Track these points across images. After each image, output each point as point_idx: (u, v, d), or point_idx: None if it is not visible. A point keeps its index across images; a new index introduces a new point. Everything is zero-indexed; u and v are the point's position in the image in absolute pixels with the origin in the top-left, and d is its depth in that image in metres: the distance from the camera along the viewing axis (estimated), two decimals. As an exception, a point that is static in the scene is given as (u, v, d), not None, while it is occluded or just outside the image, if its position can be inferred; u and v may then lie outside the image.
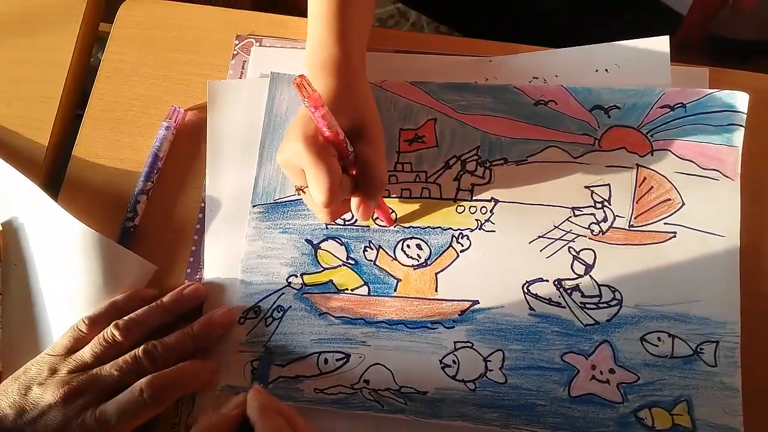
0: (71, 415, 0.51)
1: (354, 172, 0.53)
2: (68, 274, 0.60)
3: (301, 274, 0.59)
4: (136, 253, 0.61)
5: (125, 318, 0.57)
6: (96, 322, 0.57)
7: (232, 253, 0.61)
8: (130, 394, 0.52)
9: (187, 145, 0.65)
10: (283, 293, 0.59)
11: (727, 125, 0.58)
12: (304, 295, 0.59)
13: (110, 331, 0.55)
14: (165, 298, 0.59)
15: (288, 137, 0.53)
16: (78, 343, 0.56)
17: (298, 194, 0.56)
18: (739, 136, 0.58)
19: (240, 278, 0.60)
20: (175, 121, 0.65)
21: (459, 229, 0.59)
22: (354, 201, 0.53)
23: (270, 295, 0.59)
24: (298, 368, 0.57)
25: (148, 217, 0.63)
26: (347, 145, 0.51)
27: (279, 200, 0.61)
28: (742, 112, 0.58)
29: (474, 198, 0.60)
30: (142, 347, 0.55)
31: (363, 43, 0.60)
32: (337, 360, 0.57)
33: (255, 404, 0.48)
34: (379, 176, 0.53)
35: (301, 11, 0.62)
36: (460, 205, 0.60)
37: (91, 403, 0.52)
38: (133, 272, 0.60)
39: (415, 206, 0.60)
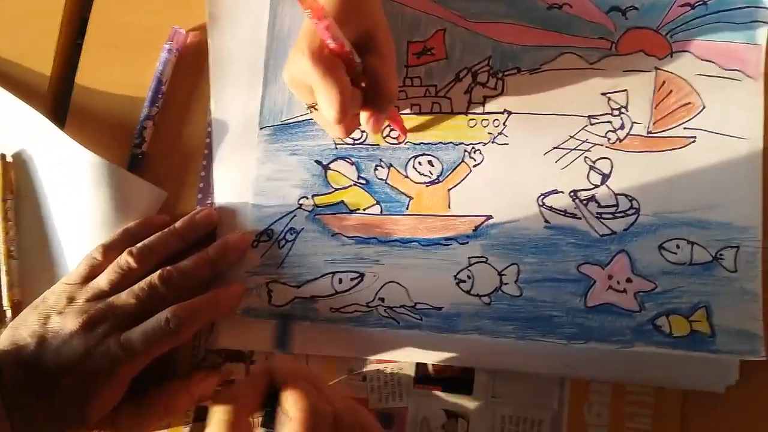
0: (93, 343, 0.52)
1: (363, 85, 0.51)
2: (80, 204, 0.60)
3: (312, 196, 0.59)
4: (146, 180, 0.60)
5: (139, 245, 0.57)
6: (110, 250, 0.57)
7: (242, 176, 0.60)
8: (156, 322, 0.52)
9: (191, 67, 0.64)
10: (295, 215, 0.58)
11: (750, 22, 0.55)
12: (316, 216, 0.58)
13: (125, 258, 0.56)
14: (178, 224, 0.58)
15: (293, 53, 0.51)
16: (94, 271, 0.56)
17: (309, 112, 0.54)
18: (762, 34, 0.55)
19: (252, 202, 0.59)
20: (177, 44, 0.63)
21: (471, 144, 0.58)
22: (364, 115, 0.52)
23: (282, 217, 0.59)
24: (313, 289, 0.57)
25: (156, 143, 0.62)
26: (354, 56, 0.49)
27: (286, 121, 0.60)
28: (767, 8, 0.55)
29: (486, 111, 0.58)
30: (158, 273, 0.55)
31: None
32: (352, 279, 0.57)
33: (281, 371, 0.48)
34: (389, 88, 0.51)
35: None
36: (472, 119, 0.58)
37: (112, 331, 0.52)
38: (145, 199, 0.60)
39: (426, 121, 0.59)
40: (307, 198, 0.59)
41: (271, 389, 0.47)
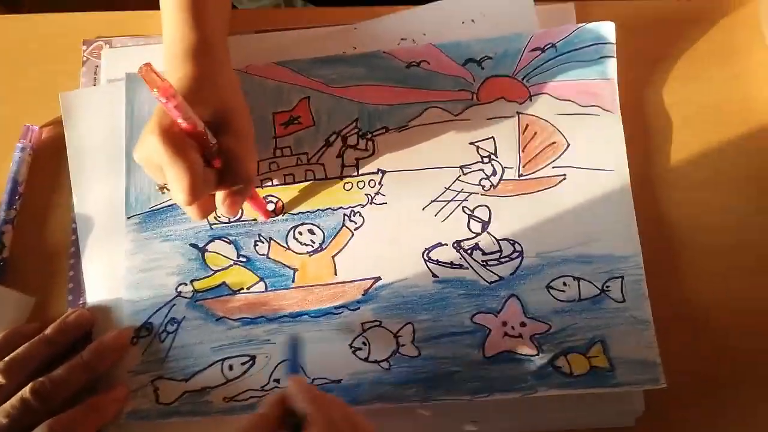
0: (-39, 475, 0.47)
1: (219, 165, 0.50)
2: (-64, 324, 0.55)
3: (191, 281, 0.56)
4: (9, 288, 0.56)
5: (6, 359, 0.52)
6: None
7: (114, 271, 0.56)
8: None
9: (49, 164, 0.60)
10: (174, 305, 0.55)
11: (599, 58, 0.58)
12: (197, 302, 0.55)
13: (-10, 376, 0.51)
14: (48, 330, 0.54)
15: (144, 132, 0.49)
16: (-42, 395, 0.51)
17: (161, 193, 0.52)
18: (612, 68, 0.58)
19: (125, 297, 0.56)
20: (30, 141, 0.60)
21: (350, 207, 0.57)
22: (219, 195, 0.50)
23: (160, 308, 0.55)
24: (203, 380, 0.53)
25: (18, 247, 0.58)
26: (208, 136, 0.47)
27: (155, 207, 0.57)
28: (611, 43, 0.58)
29: (360, 172, 0.58)
30: (29, 386, 0.50)
31: (223, 28, 0.57)
32: (243, 364, 0.54)
33: (303, 395, 0.45)
34: (245, 169, 0.49)
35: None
36: (347, 182, 0.57)
37: (-18, 458, 0.48)
38: (10, 309, 0.56)
39: (301, 191, 0.58)
40: (186, 284, 0.56)
41: (290, 421, 0.45)
